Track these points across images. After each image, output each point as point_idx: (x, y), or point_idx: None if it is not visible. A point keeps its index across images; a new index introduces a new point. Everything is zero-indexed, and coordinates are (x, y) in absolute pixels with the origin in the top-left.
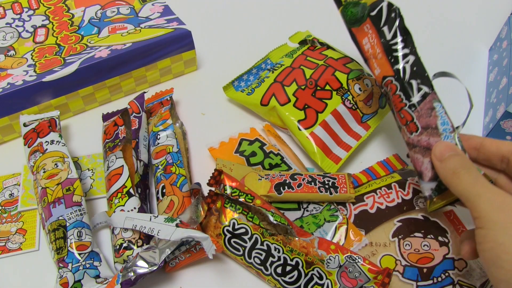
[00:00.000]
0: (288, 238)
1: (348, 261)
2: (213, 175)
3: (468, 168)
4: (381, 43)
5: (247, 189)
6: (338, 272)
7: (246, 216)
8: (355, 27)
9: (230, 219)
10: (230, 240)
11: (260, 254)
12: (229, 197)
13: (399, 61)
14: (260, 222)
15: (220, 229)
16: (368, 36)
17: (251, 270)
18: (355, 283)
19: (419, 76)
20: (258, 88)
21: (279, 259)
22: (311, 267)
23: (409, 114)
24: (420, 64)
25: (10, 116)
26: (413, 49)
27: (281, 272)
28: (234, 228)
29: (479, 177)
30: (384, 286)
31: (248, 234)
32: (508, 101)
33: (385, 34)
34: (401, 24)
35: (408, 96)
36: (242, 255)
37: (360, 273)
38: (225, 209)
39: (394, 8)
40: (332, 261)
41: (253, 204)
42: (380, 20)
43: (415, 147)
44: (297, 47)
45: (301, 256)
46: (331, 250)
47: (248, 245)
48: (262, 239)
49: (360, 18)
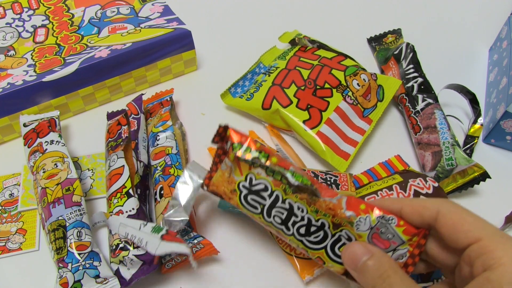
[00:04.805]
0: (313, 198)
1: (381, 222)
2: (218, 131)
3: (388, 277)
4: (399, 72)
5: (259, 145)
6: (369, 234)
7: (266, 171)
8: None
9: (247, 174)
10: (246, 197)
11: (281, 213)
12: (239, 157)
13: (409, 82)
14: (282, 177)
15: (235, 185)
16: (392, 70)
17: (271, 229)
18: (387, 245)
19: (425, 91)
20: (257, 93)
21: (303, 219)
22: (338, 229)
23: (414, 119)
24: (427, 84)
25: (10, 116)
26: (422, 74)
27: (305, 232)
28: (252, 184)
29: (403, 286)
30: (419, 248)
31: (267, 191)
32: (508, 101)
33: (403, 65)
34: (414, 56)
35: (414, 105)
36: (260, 213)
37: (394, 235)
38: (240, 162)
39: (410, 46)
40: (363, 223)
41: (268, 163)
42: (400, 56)
43: (419, 145)
44: (288, 48)
45: (327, 217)
46: (361, 211)
47: (267, 203)
48: (284, 197)
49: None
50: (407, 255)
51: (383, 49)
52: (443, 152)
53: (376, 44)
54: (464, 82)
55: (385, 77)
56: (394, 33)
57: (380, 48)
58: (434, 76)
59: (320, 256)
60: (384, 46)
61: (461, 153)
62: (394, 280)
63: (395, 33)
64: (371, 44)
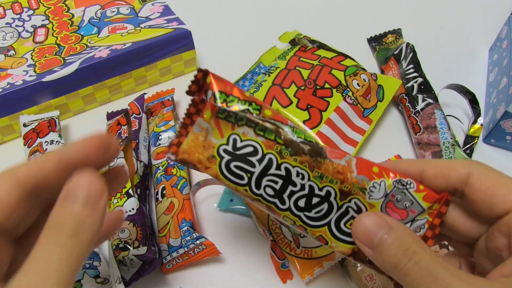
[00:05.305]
0: (317, 161)
1: (397, 187)
2: (196, 77)
3: (415, 253)
4: (399, 72)
5: (248, 95)
6: (383, 203)
7: (255, 129)
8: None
9: (229, 134)
10: (229, 164)
11: (275, 182)
12: (225, 109)
13: (409, 82)
14: (276, 136)
15: (213, 150)
16: (392, 70)
17: (260, 205)
18: (404, 215)
19: (425, 91)
20: (257, 93)
21: (303, 188)
22: (347, 198)
23: (414, 119)
24: (427, 84)
25: (10, 116)
26: (422, 74)
27: (305, 205)
28: (236, 147)
29: (435, 264)
30: (440, 218)
31: (257, 154)
32: (508, 101)
33: (403, 65)
34: (414, 56)
35: (414, 105)
36: (246, 184)
37: (413, 202)
38: (218, 121)
39: (410, 46)
40: (377, 190)
41: (261, 117)
42: (400, 56)
43: (419, 145)
44: (288, 48)
45: (334, 184)
46: (375, 174)
47: (257, 170)
48: (280, 161)
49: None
50: (425, 227)
51: (383, 49)
52: (443, 152)
53: (376, 44)
54: (464, 82)
55: (385, 77)
56: (394, 33)
57: (380, 48)
58: (434, 76)
59: (322, 234)
60: (384, 46)
61: (461, 153)
62: (422, 256)
63: (395, 33)
64: (371, 44)
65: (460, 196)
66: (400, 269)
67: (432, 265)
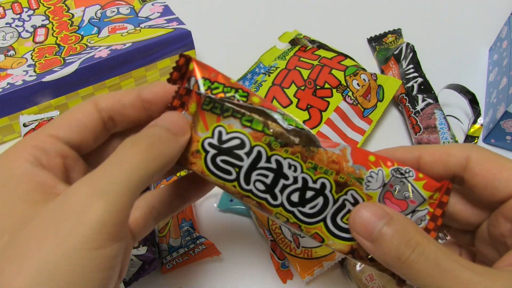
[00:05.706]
0: (310, 150)
1: (395, 177)
2: (178, 63)
3: (419, 244)
4: (399, 72)
5: (234, 81)
6: (381, 193)
7: (241, 120)
8: (384, 65)
9: (214, 127)
10: (214, 158)
11: (265, 176)
12: (209, 96)
13: (409, 82)
14: (264, 127)
15: (197, 144)
16: (392, 70)
17: (250, 202)
18: (404, 206)
19: (425, 92)
20: (257, 93)
21: (296, 181)
22: (343, 190)
23: (414, 119)
24: (427, 84)
25: (10, 116)
26: (422, 74)
27: (298, 200)
28: (221, 140)
29: (442, 255)
30: (442, 208)
31: (245, 147)
32: (508, 101)
33: (403, 65)
34: (414, 56)
35: (414, 105)
36: (235, 179)
37: (413, 192)
38: (203, 113)
39: (410, 46)
40: (374, 179)
41: (249, 104)
42: (400, 56)
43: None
44: (288, 48)
45: (329, 175)
46: (371, 163)
47: (245, 164)
48: (269, 153)
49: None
50: (426, 218)
51: (383, 49)
52: None
53: (376, 44)
54: (464, 82)
55: (385, 77)
56: (394, 33)
57: (380, 48)
58: (434, 76)
59: (317, 231)
60: (384, 46)
61: None
62: (427, 247)
63: (395, 33)
64: (371, 44)
65: (459, 182)
66: (403, 261)
67: (438, 256)
